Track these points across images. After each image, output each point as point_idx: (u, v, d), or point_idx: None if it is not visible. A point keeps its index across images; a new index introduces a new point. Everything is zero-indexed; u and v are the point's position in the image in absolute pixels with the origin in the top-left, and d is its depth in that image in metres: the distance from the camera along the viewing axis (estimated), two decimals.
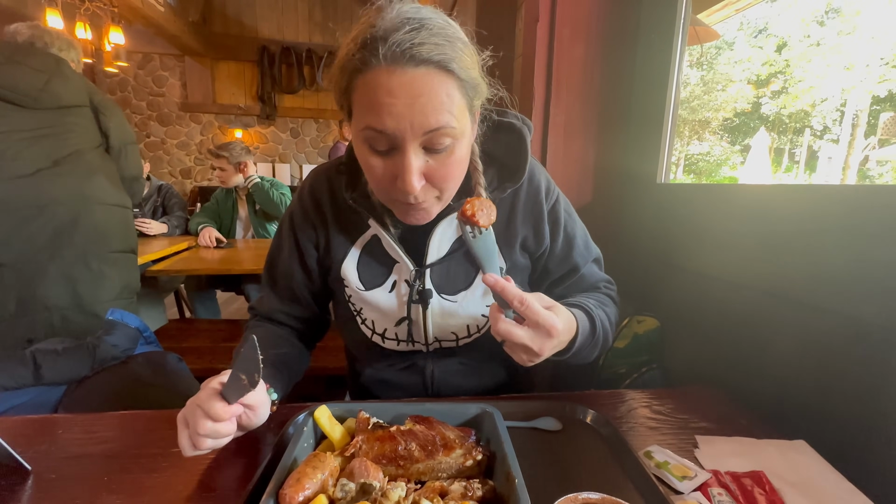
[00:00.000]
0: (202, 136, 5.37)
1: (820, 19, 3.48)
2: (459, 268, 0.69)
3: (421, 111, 0.49)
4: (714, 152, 5.52)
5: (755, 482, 0.50)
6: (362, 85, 0.50)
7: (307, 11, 5.31)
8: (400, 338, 0.71)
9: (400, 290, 0.69)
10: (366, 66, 0.49)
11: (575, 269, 0.74)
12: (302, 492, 0.40)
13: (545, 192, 0.70)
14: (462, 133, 0.54)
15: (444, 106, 0.50)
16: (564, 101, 1.16)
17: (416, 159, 0.52)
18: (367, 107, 0.51)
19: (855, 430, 0.59)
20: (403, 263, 0.68)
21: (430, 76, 0.49)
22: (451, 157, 0.54)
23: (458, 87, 0.52)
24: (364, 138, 0.53)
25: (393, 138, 0.51)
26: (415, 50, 0.48)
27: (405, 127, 0.49)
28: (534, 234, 0.71)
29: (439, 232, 0.66)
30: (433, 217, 0.61)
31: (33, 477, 0.50)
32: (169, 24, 4.02)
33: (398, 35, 0.47)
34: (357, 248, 0.70)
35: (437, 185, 0.56)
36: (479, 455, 0.47)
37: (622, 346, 1.01)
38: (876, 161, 3.02)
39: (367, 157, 0.54)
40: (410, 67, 0.48)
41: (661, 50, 1.08)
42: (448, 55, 0.49)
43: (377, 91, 0.49)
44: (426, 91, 0.49)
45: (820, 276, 0.66)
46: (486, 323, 0.70)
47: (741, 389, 0.76)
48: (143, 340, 1.01)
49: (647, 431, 0.62)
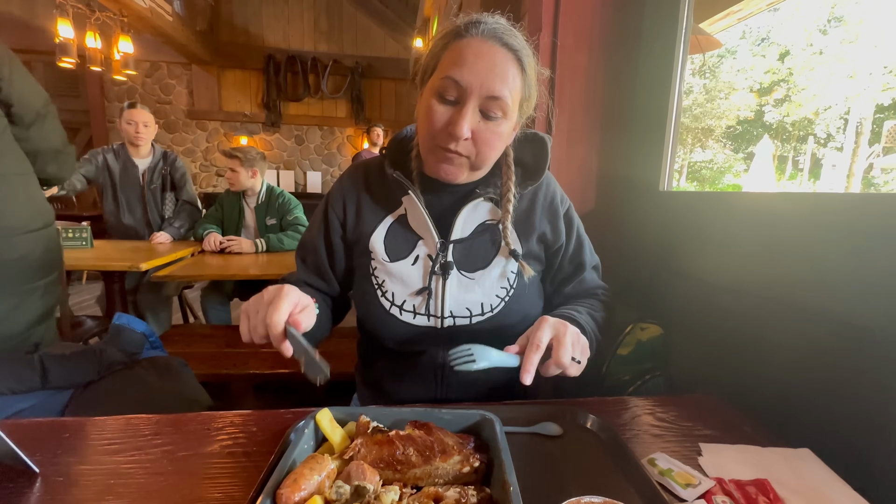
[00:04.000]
0: (208, 143, 5.42)
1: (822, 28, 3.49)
2: (480, 249, 0.76)
3: (492, 78, 0.63)
4: (717, 160, 5.52)
5: (759, 490, 0.50)
6: (456, 46, 0.65)
7: (312, 21, 5.38)
8: (417, 310, 0.74)
9: (423, 263, 0.75)
10: (466, 33, 0.64)
11: (581, 267, 0.82)
12: (298, 492, 0.41)
13: (560, 197, 0.81)
14: (510, 114, 0.66)
15: (507, 83, 0.64)
16: (567, 110, 1.17)
17: (472, 113, 0.64)
18: (453, 61, 0.64)
19: (859, 438, 0.59)
20: (430, 237, 0.75)
21: (507, 57, 0.64)
22: (497, 129, 0.66)
23: (521, 77, 0.66)
24: (439, 87, 0.65)
25: (463, 90, 0.63)
26: (504, 36, 0.64)
27: (476, 84, 0.62)
28: (551, 230, 0.79)
29: (465, 213, 0.74)
30: (462, 179, 0.71)
31: (41, 479, 0.51)
32: (177, 34, 4.08)
33: (495, 24, 0.65)
34: (388, 221, 0.78)
35: (477, 146, 0.66)
36: (476, 462, 0.47)
37: (626, 354, 1.01)
38: (880, 169, 3.01)
39: (432, 105, 0.65)
40: (497, 45, 0.63)
41: (663, 58, 1.09)
42: (523, 52, 0.65)
43: (467, 51, 0.63)
44: (501, 64, 0.63)
45: (823, 283, 0.66)
46: (499, 303, 0.75)
47: (745, 397, 0.76)
48: (148, 345, 1.01)
49: (650, 439, 0.62)
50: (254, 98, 5.40)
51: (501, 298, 0.74)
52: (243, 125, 5.43)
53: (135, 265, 1.79)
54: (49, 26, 3.34)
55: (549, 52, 1.15)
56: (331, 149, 5.64)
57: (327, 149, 5.64)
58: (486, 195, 0.74)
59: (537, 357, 0.58)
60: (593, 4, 1.14)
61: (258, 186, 2.38)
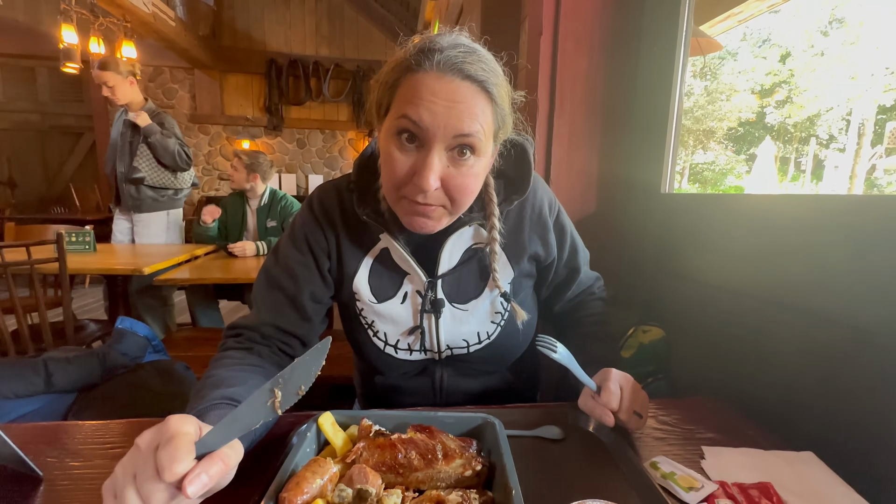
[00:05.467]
0: (210, 147, 5.44)
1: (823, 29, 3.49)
2: (470, 277, 0.71)
3: (456, 116, 0.53)
4: (719, 161, 5.52)
5: (763, 494, 0.50)
6: (410, 82, 0.55)
7: (314, 25, 5.41)
8: (413, 347, 0.72)
9: (412, 301, 0.70)
10: (418, 67, 0.54)
11: (576, 270, 0.79)
12: (301, 496, 0.41)
13: (549, 205, 0.74)
14: (484, 152, 0.58)
15: (476, 118, 0.55)
16: (568, 113, 1.18)
17: (438, 160, 0.55)
18: (409, 100, 0.54)
19: (863, 441, 0.59)
20: (415, 274, 0.69)
21: (471, 90, 0.54)
22: (470, 171, 0.57)
23: (491, 109, 0.57)
24: (397, 129, 0.55)
25: (424, 133, 0.54)
26: (464, 66, 0.53)
27: (439, 125, 0.53)
28: (542, 246, 0.74)
29: (450, 243, 0.68)
30: (438, 228, 0.62)
31: (45, 483, 0.51)
32: (179, 38, 4.11)
33: (453, 52, 0.54)
34: (368, 260, 0.70)
35: (449, 194, 0.58)
36: (478, 465, 0.47)
37: (628, 356, 1.01)
38: (883, 170, 3.01)
39: (392, 150, 0.56)
40: (457, 79, 0.54)
41: (664, 61, 1.10)
42: (490, 80, 0.55)
43: (422, 89, 0.53)
44: (465, 100, 0.54)
45: (825, 285, 0.66)
46: (495, 329, 0.72)
47: (748, 399, 0.75)
48: (151, 349, 1.02)
49: (653, 442, 0.62)
50: (256, 102, 5.43)
51: (497, 324, 0.72)
52: (245, 129, 5.46)
53: (138, 269, 1.80)
54: (53, 32, 3.36)
55: (550, 56, 1.15)
56: (332, 152, 5.66)
57: (329, 152, 5.66)
58: (471, 221, 0.67)
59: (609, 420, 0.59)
60: (594, 8, 1.14)
61: (259, 190, 2.40)
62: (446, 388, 0.76)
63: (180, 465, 0.34)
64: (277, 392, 0.40)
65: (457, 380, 0.76)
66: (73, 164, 5.80)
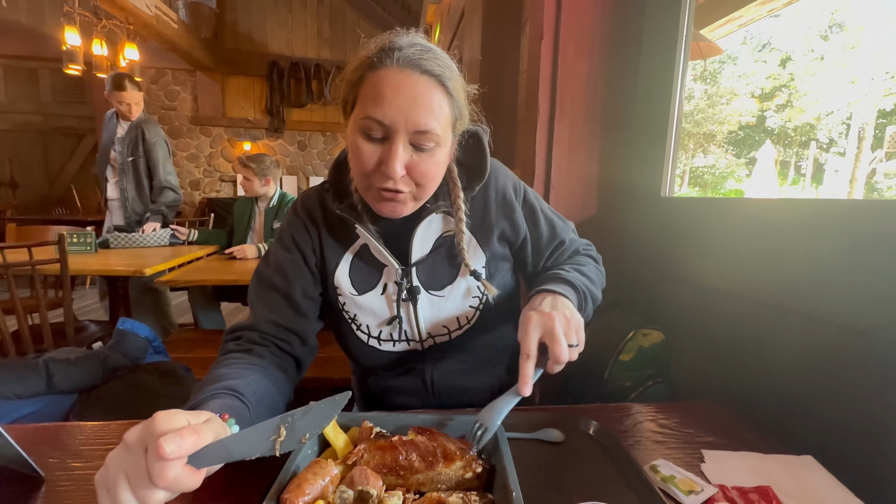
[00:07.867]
0: (211, 149, 5.46)
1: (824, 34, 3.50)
2: (443, 264, 0.73)
3: (416, 111, 0.58)
4: (719, 165, 5.53)
5: (762, 497, 0.50)
6: (372, 79, 0.59)
7: (315, 28, 5.44)
8: (394, 337, 0.74)
9: (389, 291, 0.73)
10: (380, 64, 0.58)
11: (560, 242, 0.80)
12: (302, 497, 0.41)
13: (513, 188, 0.77)
14: (444, 142, 0.62)
15: (433, 113, 0.59)
16: (568, 116, 1.18)
17: (402, 150, 0.59)
18: (372, 98, 0.58)
19: (863, 445, 0.59)
20: (390, 264, 0.71)
21: (429, 84, 0.59)
22: (431, 159, 0.62)
23: (448, 102, 0.61)
24: (362, 126, 0.59)
25: (388, 128, 0.58)
26: (421, 62, 0.58)
27: (401, 120, 0.57)
28: (510, 226, 0.76)
29: (420, 231, 0.71)
30: (406, 212, 0.66)
31: (46, 484, 0.51)
32: (182, 41, 4.12)
33: (410, 49, 0.59)
34: (349, 256, 0.74)
35: (415, 179, 0.62)
36: (479, 467, 0.48)
37: (628, 360, 1.01)
38: (883, 174, 3.01)
39: (359, 144, 0.60)
40: (416, 73, 0.58)
41: (664, 65, 1.10)
42: (445, 75, 0.60)
43: (384, 85, 0.58)
44: (424, 94, 0.58)
45: (825, 288, 0.66)
46: (474, 313, 0.74)
47: (747, 403, 0.75)
48: (151, 350, 1.02)
49: (653, 445, 0.62)
50: (257, 104, 5.45)
51: (476, 308, 0.74)
52: (247, 131, 5.47)
53: (139, 270, 1.80)
54: (56, 34, 3.37)
55: (551, 60, 1.16)
56: (333, 154, 5.67)
57: (330, 154, 5.67)
58: (437, 209, 0.71)
59: (531, 366, 0.55)
60: (594, 12, 1.15)
61: (271, 192, 2.44)
62: (437, 385, 0.77)
63: (171, 470, 0.35)
64: (283, 431, 0.40)
65: (446, 376, 0.76)
66: (75, 166, 5.81)
